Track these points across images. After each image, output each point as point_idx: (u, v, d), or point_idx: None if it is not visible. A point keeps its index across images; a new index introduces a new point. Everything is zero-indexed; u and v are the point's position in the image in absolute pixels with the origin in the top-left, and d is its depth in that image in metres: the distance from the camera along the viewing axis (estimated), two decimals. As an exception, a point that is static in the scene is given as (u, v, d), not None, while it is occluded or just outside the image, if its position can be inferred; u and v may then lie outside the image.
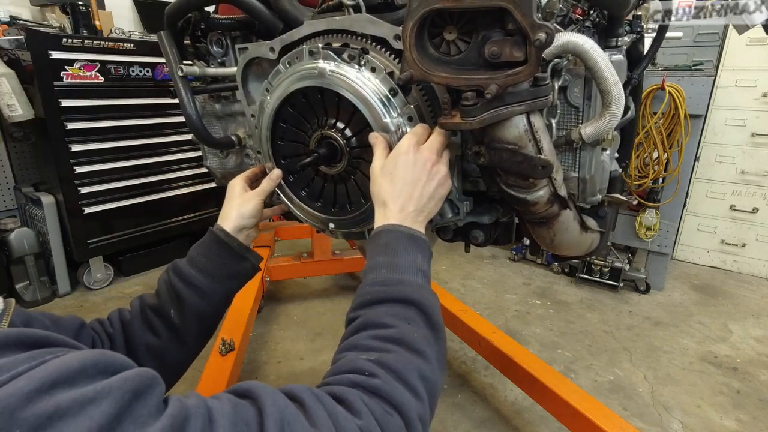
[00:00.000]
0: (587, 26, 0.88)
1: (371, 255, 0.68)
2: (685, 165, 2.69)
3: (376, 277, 0.64)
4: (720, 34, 2.97)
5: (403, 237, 0.68)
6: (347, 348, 0.57)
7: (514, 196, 0.79)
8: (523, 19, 0.59)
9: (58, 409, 0.31)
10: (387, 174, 0.72)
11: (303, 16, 0.94)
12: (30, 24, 2.85)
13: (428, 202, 0.72)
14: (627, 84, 1.03)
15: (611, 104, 0.72)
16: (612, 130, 0.83)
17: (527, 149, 0.71)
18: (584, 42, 0.69)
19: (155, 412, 0.36)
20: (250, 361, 2.30)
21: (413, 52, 0.68)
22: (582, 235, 0.94)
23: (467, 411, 1.98)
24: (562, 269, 3.20)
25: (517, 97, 0.67)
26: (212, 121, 1.22)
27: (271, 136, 0.94)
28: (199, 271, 0.83)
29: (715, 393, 2.10)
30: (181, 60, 1.07)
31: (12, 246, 2.69)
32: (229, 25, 1.06)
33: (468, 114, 0.66)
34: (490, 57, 0.64)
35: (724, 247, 3.26)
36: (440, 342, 0.60)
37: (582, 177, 0.84)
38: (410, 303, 0.60)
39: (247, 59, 0.99)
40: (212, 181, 3.72)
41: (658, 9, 1.00)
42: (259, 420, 0.42)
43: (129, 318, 0.82)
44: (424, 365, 0.55)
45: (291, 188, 0.97)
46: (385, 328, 0.57)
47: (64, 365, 0.34)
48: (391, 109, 0.78)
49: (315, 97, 0.86)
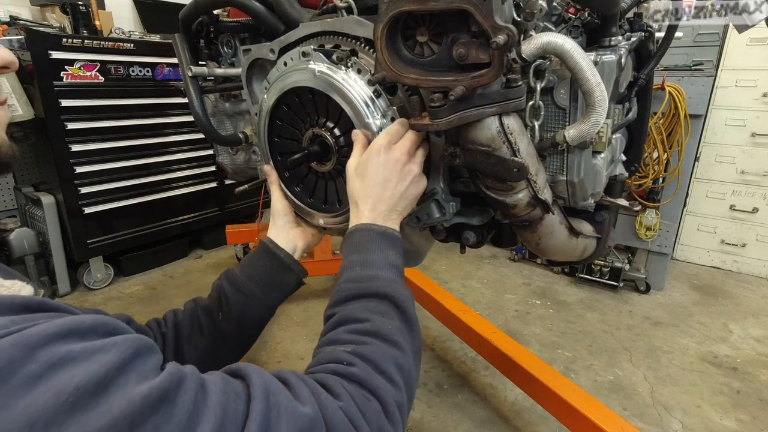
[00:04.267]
0: (575, 26, 0.87)
1: (346, 254, 0.71)
2: (685, 165, 2.69)
3: (350, 275, 0.67)
4: (720, 34, 2.97)
5: (375, 235, 0.70)
6: (326, 343, 0.60)
7: (493, 198, 0.78)
8: (484, 21, 0.59)
9: (69, 353, 0.36)
10: (359, 174, 0.74)
11: (302, 17, 0.96)
12: (30, 24, 2.85)
13: (399, 201, 0.74)
14: (633, 84, 1.01)
15: (594, 106, 0.71)
16: (608, 132, 0.82)
17: (501, 151, 0.71)
18: (564, 42, 0.68)
19: (155, 371, 0.40)
20: (250, 361, 2.29)
21: (385, 53, 0.68)
22: (571, 241, 0.92)
23: (467, 411, 1.98)
24: (562, 269, 3.20)
25: (487, 99, 0.67)
26: (223, 119, 1.27)
27: (269, 133, 0.97)
28: (247, 277, 0.86)
29: (715, 393, 2.10)
30: (195, 61, 1.12)
31: (12, 246, 2.70)
32: (235, 27, 1.11)
33: (435, 115, 0.66)
34: (458, 59, 0.65)
35: (724, 247, 3.26)
36: (414, 333, 0.63)
37: (570, 180, 0.82)
38: (383, 297, 0.63)
39: (250, 60, 1.02)
40: (212, 181, 3.75)
41: (658, 9, 1.00)
42: (246, 391, 0.45)
43: (181, 318, 0.85)
44: (399, 355, 0.57)
45: (286, 184, 1.00)
46: (361, 322, 0.60)
47: (79, 320, 0.39)
48: (375, 110, 0.79)
49: (307, 97, 0.89)
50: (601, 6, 0.82)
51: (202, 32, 1.13)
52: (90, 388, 0.34)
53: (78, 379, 0.34)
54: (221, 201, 3.50)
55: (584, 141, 0.76)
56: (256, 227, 2.93)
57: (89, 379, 0.35)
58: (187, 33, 1.13)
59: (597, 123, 0.72)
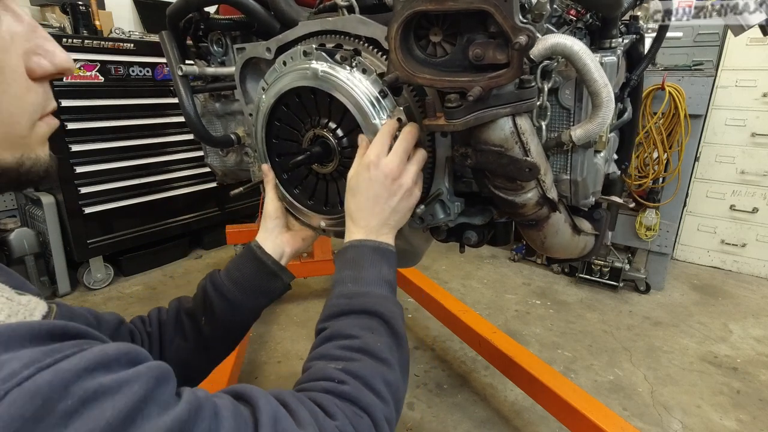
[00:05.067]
0: (579, 27, 0.87)
1: (338, 269, 0.72)
2: (685, 165, 2.70)
3: (342, 291, 0.69)
4: (720, 34, 2.97)
5: (368, 250, 0.72)
6: (317, 357, 0.62)
7: (502, 198, 0.78)
8: (504, 22, 0.59)
9: (100, 386, 0.37)
10: (351, 190, 0.76)
11: (299, 16, 0.95)
12: (30, 24, 2.85)
13: (392, 215, 0.74)
14: (626, 85, 1.03)
15: (600, 106, 0.72)
16: (607, 132, 0.83)
17: (514, 151, 0.71)
18: (573, 44, 0.68)
19: (174, 399, 0.41)
20: (250, 361, 2.30)
21: (399, 53, 0.68)
22: (574, 238, 0.93)
23: (467, 411, 1.98)
24: (562, 269, 3.20)
25: (502, 100, 0.67)
26: (213, 119, 1.24)
27: (266, 135, 0.95)
28: (232, 283, 0.85)
29: (715, 393, 2.10)
30: (183, 60, 1.08)
31: (12, 246, 2.69)
32: (227, 25, 1.07)
33: (452, 116, 0.66)
34: (474, 59, 0.65)
35: (724, 247, 3.26)
36: (402, 349, 0.65)
37: (574, 179, 0.83)
38: (374, 314, 0.65)
39: (244, 59, 1.00)
40: (212, 181, 3.74)
41: (658, 9, 1.00)
42: (253, 417, 0.47)
43: (165, 318, 0.85)
44: (387, 371, 0.60)
45: (285, 186, 0.99)
46: (351, 338, 0.62)
47: (104, 351, 0.40)
48: (381, 110, 0.78)
49: (308, 97, 0.87)
50: (606, 8, 0.83)
51: (189, 30, 1.10)
52: (119, 422, 0.36)
53: (108, 414, 0.36)
54: (221, 201, 3.50)
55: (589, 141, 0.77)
56: (256, 227, 2.93)
57: (119, 413, 0.36)
58: (174, 30, 1.10)
59: (604, 123, 0.73)
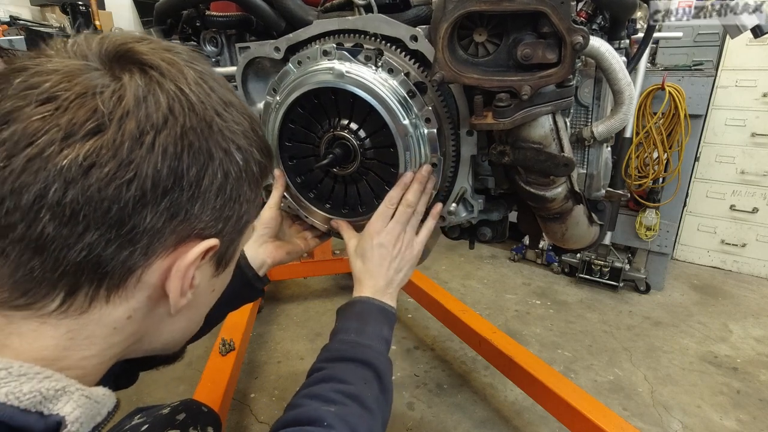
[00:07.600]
0: (594, 29, 0.89)
1: (344, 319, 0.78)
2: (685, 165, 2.69)
3: (344, 338, 0.75)
4: (720, 34, 2.96)
5: (374, 309, 0.79)
6: (311, 396, 0.65)
7: (533, 193, 0.81)
8: (560, 23, 0.61)
9: None
10: (359, 255, 0.83)
11: (308, 15, 0.92)
12: (30, 24, 2.86)
13: (396, 275, 0.83)
14: None
15: (623, 103, 0.76)
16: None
17: (551, 148, 0.74)
18: (600, 45, 0.72)
19: None
20: (250, 361, 2.30)
21: (445, 53, 0.69)
22: (590, 229, 0.97)
23: (467, 411, 1.98)
24: (562, 269, 3.20)
25: (545, 98, 0.69)
26: None
27: (279, 137, 0.93)
28: None
29: (715, 393, 2.10)
30: None
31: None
32: (225, 23, 1.03)
33: (502, 115, 0.68)
34: (523, 59, 0.66)
35: (724, 247, 3.26)
36: (387, 403, 0.71)
37: (590, 173, 0.88)
38: (370, 366, 0.70)
39: (248, 59, 0.97)
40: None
41: (658, 9, 1.00)
42: None
43: None
44: (372, 422, 0.65)
45: (299, 190, 0.97)
46: (346, 383, 0.67)
47: None
48: (410, 110, 0.78)
49: (327, 98, 0.85)
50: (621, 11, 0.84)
51: (178, 27, 1.06)
52: None
53: None
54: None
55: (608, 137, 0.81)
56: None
57: None
58: (162, 27, 1.07)
59: (625, 119, 0.77)
